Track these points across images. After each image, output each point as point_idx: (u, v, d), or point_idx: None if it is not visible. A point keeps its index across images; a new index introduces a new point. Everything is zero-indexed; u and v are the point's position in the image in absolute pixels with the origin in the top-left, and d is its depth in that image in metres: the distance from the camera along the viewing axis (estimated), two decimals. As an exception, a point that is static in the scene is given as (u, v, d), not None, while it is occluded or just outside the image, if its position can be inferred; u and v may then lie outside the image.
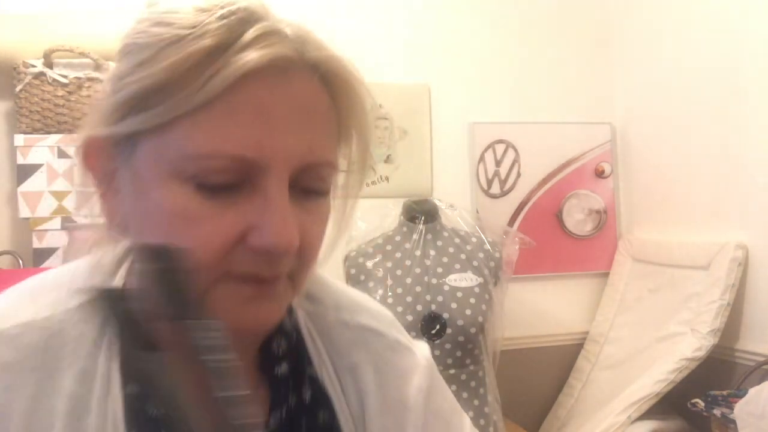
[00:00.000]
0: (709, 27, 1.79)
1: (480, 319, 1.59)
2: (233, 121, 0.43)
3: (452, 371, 1.57)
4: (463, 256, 1.68)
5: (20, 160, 1.58)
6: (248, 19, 0.46)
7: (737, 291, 1.65)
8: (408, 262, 1.63)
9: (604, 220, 2.19)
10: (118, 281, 0.49)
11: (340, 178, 0.52)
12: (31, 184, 1.58)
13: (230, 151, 0.43)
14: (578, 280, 2.18)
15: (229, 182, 0.44)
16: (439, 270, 1.64)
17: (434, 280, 1.61)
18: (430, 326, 1.56)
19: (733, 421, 1.30)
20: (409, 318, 1.56)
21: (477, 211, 2.09)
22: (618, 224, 2.21)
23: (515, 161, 2.13)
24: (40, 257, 1.58)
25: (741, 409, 1.28)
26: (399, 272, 1.62)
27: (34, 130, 1.59)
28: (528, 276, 2.13)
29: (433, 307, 1.57)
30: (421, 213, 1.71)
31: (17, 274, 1.46)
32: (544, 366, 2.10)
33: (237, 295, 0.46)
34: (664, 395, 1.64)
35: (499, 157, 2.12)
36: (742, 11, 1.68)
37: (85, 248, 0.51)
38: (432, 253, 1.67)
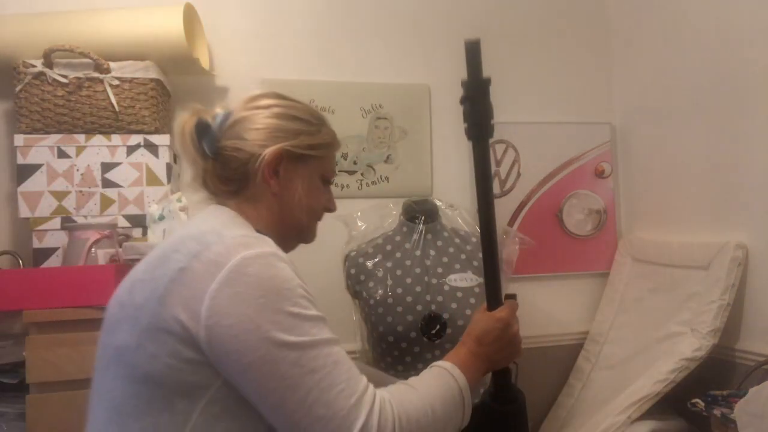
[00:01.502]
0: (709, 27, 1.79)
1: None
2: (334, 160, 1.10)
3: None
4: (463, 256, 1.68)
5: (20, 160, 1.58)
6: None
7: (737, 291, 1.65)
8: (408, 262, 1.63)
9: (604, 220, 2.19)
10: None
11: None
12: (31, 184, 1.58)
13: (335, 170, 1.10)
14: (578, 280, 2.18)
15: (327, 182, 1.07)
16: (439, 270, 1.64)
17: (434, 280, 1.61)
18: (431, 326, 1.56)
19: (733, 421, 1.30)
20: (410, 318, 1.56)
21: (478, 212, 2.09)
22: (618, 224, 2.21)
23: (515, 161, 2.13)
24: (40, 257, 1.58)
25: (741, 409, 1.27)
26: (399, 272, 1.62)
27: (34, 130, 1.59)
28: (528, 276, 2.14)
29: (433, 307, 1.57)
30: (421, 213, 1.71)
31: (17, 274, 1.46)
32: (544, 366, 2.10)
33: (316, 227, 1.08)
34: (664, 395, 1.64)
35: (499, 157, 2.12)
36: (741, 11, 1.68)
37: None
38: (432, 253, 1.67)
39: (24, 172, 1.58)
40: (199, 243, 0.82)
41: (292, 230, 1.01)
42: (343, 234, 1.80)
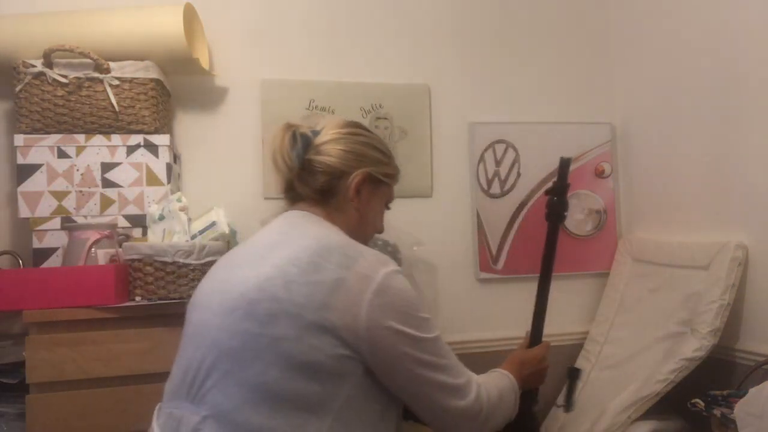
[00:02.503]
0: (708, 27, 1.79)
1: None
2: (393, 188, 1.27)
3: None
4: None
5: (20, 160, 1.58)
6: None
7: (737, 291, 1.65)
8: None
9: (604, 220, 2.19)
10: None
11: None
12: (31, 184, 1.58)
13: (393, 196, 1.28)
14: (578, 280, 2.18)
15: (387, 207, 1.27)
16: None
17: None
18: None
19: (733, 421, 1.30)
20: None
21: (478, 213, 2.09)
22: (618, 224, 2.21)
23: (515, 161, 2.13)
24: (40, 257, 1.58)
25: (741, 409, 1.27)
26: None
27: (34, 130, 1.59)
28: (528, 276, 2.13)
29: None
30: None
31: (17, 274, 1.46)
32: (544, 366, 2.10)
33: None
34: (664, 395, 1.64)
35: (499, 157, 2.12)
36: (741, 11, 1.68)
37: None
38: None
39: (24, 172, 1.58)
40: (345, 257, 1.00)
41: (362, 242, 1.15)
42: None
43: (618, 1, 2.22)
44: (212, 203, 1.78)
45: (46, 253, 1.58)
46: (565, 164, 1.54)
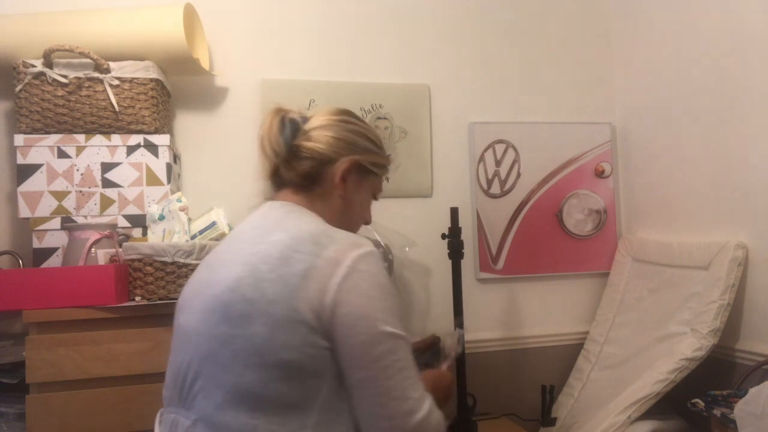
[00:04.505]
0: (709, 27, 1.79)
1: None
2: (382, 180, 1.23)
3: None
4: None
5: (20, 160, 1.58)
6: None
7: (737, 291, 1.65)
8: None
9: (604, 220, 2.19)
10: None
11: None
12: (31, 184, 1.58)
13: (381, 188, 1.24)
14: (578, 280, 2.18)
15: (375, 198, 1.23)
16: None
17: None
18: None
19: (733, 421, 1.30)
20: None
21: (478, 213, 2.09)
22: (618, 224, 2.21)
23: (515, 161, 2.13)
24: (40, 257, 1.58)
25: (741, 409, 1.27)
26: None
27: (34, 130, 1.59)
28: (528, 276, 2.14)
29: None
30: None
31: (17, 274, 1.46)
32: (544, 366, 2.10)
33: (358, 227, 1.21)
34: (664, 395, 1.64)
35: (499, 157, 2.12)
36: (741, 12, 1.68)
37: None
38: None
39: (24, 172, 1.58)
40: (315, 244, 0.97)
41: (346, 230, 1.12)
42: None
43: (617, 1, 2.22)
44: (212, 203, 1.78)
45: (46, 253, 1.58)
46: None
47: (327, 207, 1.12)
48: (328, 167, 1.10)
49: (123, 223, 1.62)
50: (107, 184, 1.62)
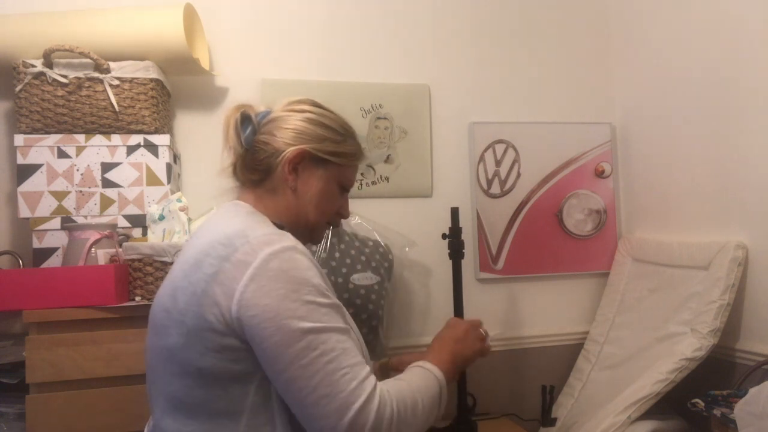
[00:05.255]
0: (708, 27, 1.79)
1: (380, 312, 1.78)
2: (355, 172, 1.17)
3: None
4: (363, 258, 1.80)
5: (20, 160, 1.58)
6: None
7: (737, 291, 1.65)
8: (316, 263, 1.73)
9: (604, 220, 2.19)
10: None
11: None
12: (31, 184, 1.58)
13: (353, 180, 1.17)
14: (578, 280, 2.18)
15: (345, 189, 1.15)
16: (344, 270, 1.75)
17: (340, 279, 1.74)
18: None
19: (733, 421, 1.30)
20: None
21: (478, 213, 2.09)
22: (618, 224, 2.21)
23: (515, 161, 2.13)
24: (40, 257, 1.58)
25: (741, 409, 1.27)
26: None
27: (34, 130, 1.59)
28: (528, 276, 2.14)
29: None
30: None
31: (17, 274, 1.46)
32: (544, 366, 2.10)
33: (324, 230, 1.16)
34: (664, 395, 1.64)
35: (499, 157, 2.12)
36: (741, 11, 1.68)
37: None
38: (337, 255, 1.77)
39: (24, 172, 1.58)
40: (227, 246, 0.92)
41: (303, 226, 1.11)
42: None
43: (617, 1, 2.22)
44: (212, 203, 1.78)
45: (46, 253, 1.58)
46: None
47: (277, 202, 1.08)
48: (278, 159, 1.06)
49: (123, 223, 1.62)
50: (107, 184, 1.62)
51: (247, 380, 0.91)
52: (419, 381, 1.02)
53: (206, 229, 1.03)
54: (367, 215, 1.92)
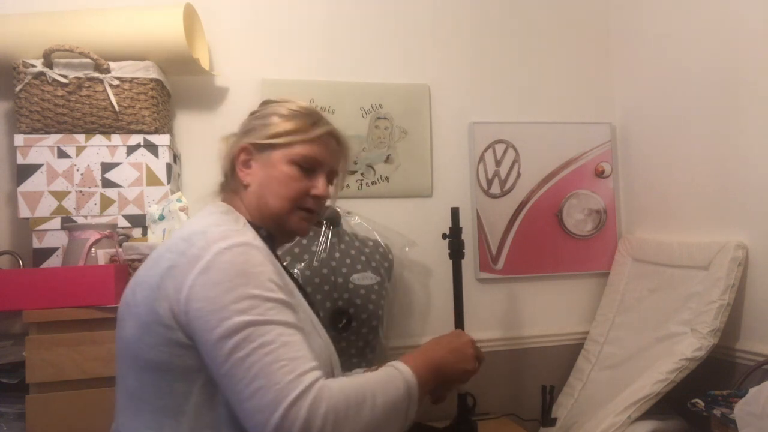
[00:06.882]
0: (708, 27, 1.79)
1: (380, 312, 1.78)
2: (317, 147, 1.10)
3: (354, 360, 1.73)
4: (363, 258, 1.81)
5: (20, 160, 1.58)
6: (320, 114, 1.14)
7: (737, 291, 1.65)
8: (316, 264, 1.74)
9: (604, 220, 2.19)
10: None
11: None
12: (30, 184, 1.58)
13: (315, 156, 1.09)
14: (578, 280, 2.18)
15: (309, 167, 1.09)
16: (344, 270, 1.76)
17: (340, 279, 1.74)
18: (338, 320, 1.72)
19: (733, 421, 1.30)
20: (320, 314, 1.69)
21: (478, 213, 2.09)
22: (618, 224, 2.21)
23: (515, 161, 2.13)
24: (40, 257, 1.58)
25: (741, 409, 1.27)
26: (308, 273, 1.71)
27: (34, 130, 1.59)
28: (528, 276, 2.14)
29: (340, 303, 1.73)
30: (325, 219, 1.82)
31: (17, 274, 1.46)
32: (544, 366, 2.10)
33: (301, 216, 1.09)
34: (664, 395, 1.64)
35: (499, 157, 2.12)
36: (741, 11, 1.68)
37: None
38: (337, 255, 1.78)
39: (24, 172, 1.58)
40: (186, 242, 0.92)
41: (272, 220, 1.08)
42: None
43: (617, 1, 2.22)
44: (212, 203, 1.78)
45: (46, 253, 1.58)
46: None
47: (244, 201, 1.09)
48: (231, 161, 1.12)
49: (123, 223, 1.62)
50: (107, 184, 1.62)
51: (191, 378, 0.89)
52: (380, 380, 0.92)
53: (180, 228, 1.06)
54: (367, 215, 1.92)
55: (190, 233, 0.94)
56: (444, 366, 1.03)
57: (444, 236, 1.73)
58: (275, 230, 1.09)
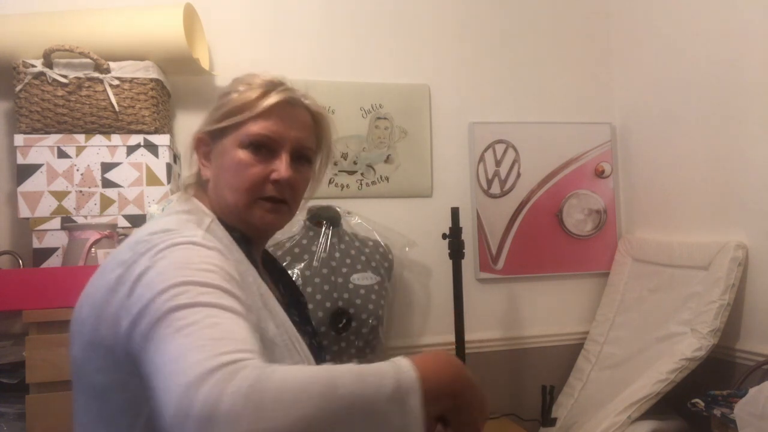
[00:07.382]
0: (708, 27, 1.79)
1: (380, 312, 1.78)
2: (270, 121, 0.94)
3: (354, 360, 1.68)
4: (363, 258, 1.80)
5: (20, 160, 1.58)
6: (279, 82, 1.01)
7: (737, 291, 1.65)
8: (316, 264, 1.74)
9: (604, 220, 2.19)
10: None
11: (316, 166, 1.03)
12: (30, 184, 1.58)
13: (267, 133, 0.93)
14: (578, 280, 2.18)
15: (265, 147, 0.93)
16: (344, 270, 1.76)
17: (340, 279, 1.74)
18: (338, 320, 1.70)
19: (733, 421, 1.30)
20: (320, 314, 1.67)
21: (478, 213, 2.09)
22: (618, 224, 2.21)
23: (515, 161, 2.13)
24: (40, 257, 1.58)
25: (741, 409, 1.27)
26: (308, 273, 1.71)
27: (34, 130, 1.59)
28: (528, 276, 2.14)
29: (340, 303, 1.72)
30: (326, 219, 1.81)
31: (17, 274, 1.46)
32: (544, 366, 2.10)
33: (263, 208, 0.93)
34: (664, 395, 1.64)
35: (499, 157, 2.12)
36: (741, 11, 1.68)
37: None
38: (337, 255, 1.77)
39: (24, 172, 1.58)
40: (132, 251, 0.80)
41: (234, 217, 0.94)
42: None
43: (618, 1, 2.22)
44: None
45: (46, 253, 1.58)
46: None
47: (207, 192, 0.97)
48: (193, 156, 1.01)
49: (123, 223, 1.62)
50: (107, 184, 1.62)
51: (136, 412, 0.76)
52: (356, 370, 0.66)
53: (135, 231, 0.92)
54: (367, 215, 1.92)
55: (137, 240, 0.83)
56: (462, 379, 0.73)
57: (444, 236, 1.73)
58: (245, 229, 0.94)
